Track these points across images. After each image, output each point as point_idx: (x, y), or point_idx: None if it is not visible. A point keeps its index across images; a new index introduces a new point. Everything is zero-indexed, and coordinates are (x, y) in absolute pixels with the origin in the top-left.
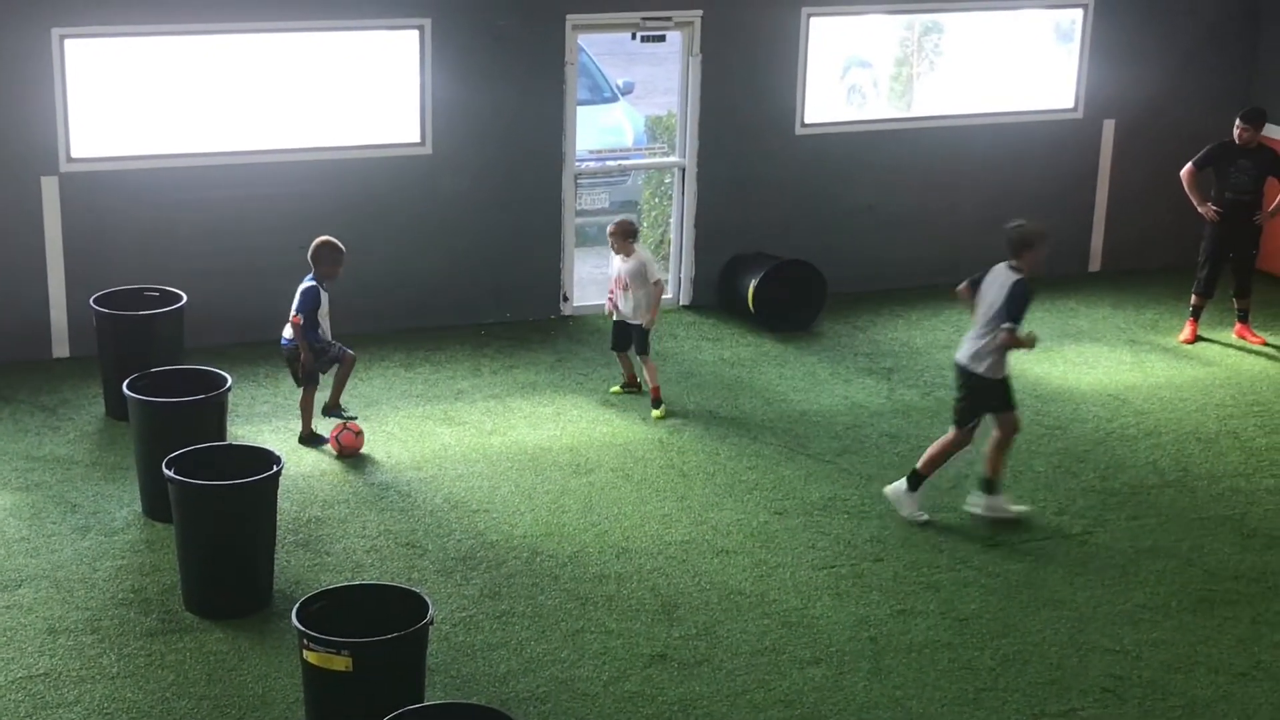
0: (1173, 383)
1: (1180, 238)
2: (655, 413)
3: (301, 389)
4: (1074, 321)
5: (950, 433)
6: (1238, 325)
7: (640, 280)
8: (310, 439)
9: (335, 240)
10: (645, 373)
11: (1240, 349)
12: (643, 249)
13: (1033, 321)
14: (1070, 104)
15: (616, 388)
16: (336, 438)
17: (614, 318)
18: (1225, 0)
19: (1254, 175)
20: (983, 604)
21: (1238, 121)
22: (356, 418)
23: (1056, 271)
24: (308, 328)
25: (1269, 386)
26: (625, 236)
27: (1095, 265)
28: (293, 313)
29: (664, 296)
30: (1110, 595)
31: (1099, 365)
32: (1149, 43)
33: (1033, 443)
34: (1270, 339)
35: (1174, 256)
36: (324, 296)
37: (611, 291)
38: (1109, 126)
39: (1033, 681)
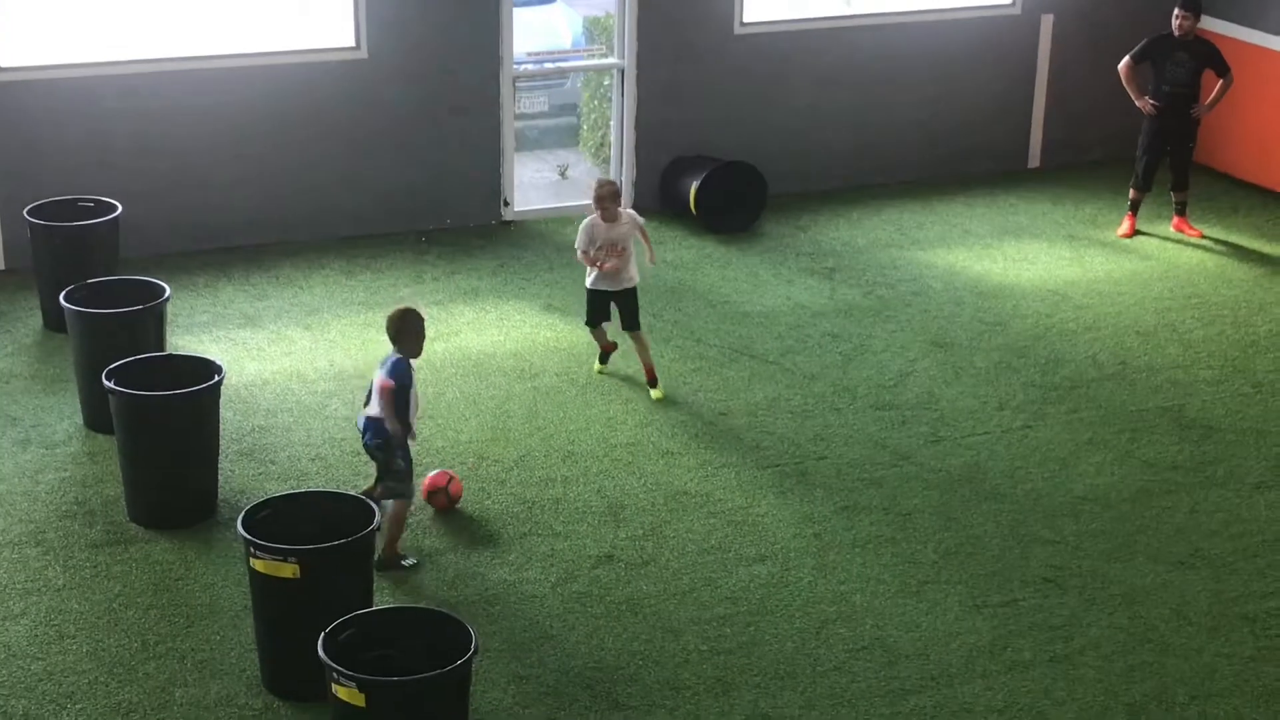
0: (1111, 277)
1: (1119, 132)
2: (655, 392)
3: (385, 493)
4: (1013, 218)
5: None
6: (1175, 219)
7: (633, 240)
8: (391, 563)
9: (411, 310)
10: (638, 352)
11: (1178, 242)
12: (625, 208)
13: (974, 218)
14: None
15: (600, 366)
16: (445, 490)
17: (593, 287)
18: None
19: (1191, 68)
20: (924, 499)
21: (1176, 10)
22: (416, 563)
23: (996, 169)
24: (399, 400)
25: (1206, 279)
26: (616, 199)
27: (1034, 162)
28: (381, 378)
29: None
30: (1050, 488)
31: (1038, 261)
32: None
33: (973, 339)
34: (1207, 232)
35: (1113, 151)
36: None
37: (601, 263)
38: (1047, 21)
39: (975, 574)
